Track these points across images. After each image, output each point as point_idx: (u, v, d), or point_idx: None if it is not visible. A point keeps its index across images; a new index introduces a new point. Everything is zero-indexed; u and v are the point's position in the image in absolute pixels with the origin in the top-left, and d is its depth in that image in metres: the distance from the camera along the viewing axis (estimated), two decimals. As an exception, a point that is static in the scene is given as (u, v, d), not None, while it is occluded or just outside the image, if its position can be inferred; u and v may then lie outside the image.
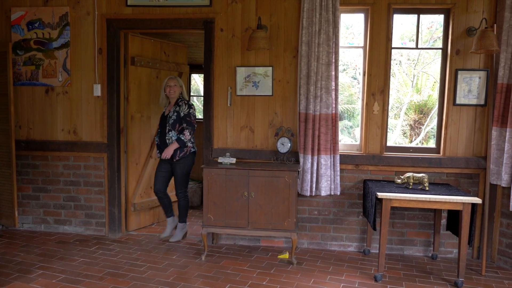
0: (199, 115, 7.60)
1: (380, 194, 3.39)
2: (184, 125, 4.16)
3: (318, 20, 3.84)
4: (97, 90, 4.38)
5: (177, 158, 4.19)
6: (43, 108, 4.51)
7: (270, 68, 4.12)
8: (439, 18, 4.10)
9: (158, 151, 4.36)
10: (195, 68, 6.60)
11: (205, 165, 3.87)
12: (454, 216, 3.69)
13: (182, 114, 4.16)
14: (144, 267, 3.69)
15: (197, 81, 8.66)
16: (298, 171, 3.87)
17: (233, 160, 3.97)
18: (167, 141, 4.21)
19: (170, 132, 4.21)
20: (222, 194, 3.81)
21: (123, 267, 3.67)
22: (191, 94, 7.85)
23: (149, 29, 4.33)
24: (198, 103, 8.39)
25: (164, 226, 4.78)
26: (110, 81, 4.35)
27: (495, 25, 3.78)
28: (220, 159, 4.00)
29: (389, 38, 3.98)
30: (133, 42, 4.53)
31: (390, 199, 3.38)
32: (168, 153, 4.18)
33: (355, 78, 8.91)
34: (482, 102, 3.94)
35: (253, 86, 4.16)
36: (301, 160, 3.96)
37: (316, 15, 3.83)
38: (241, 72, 4.15)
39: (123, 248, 4.15)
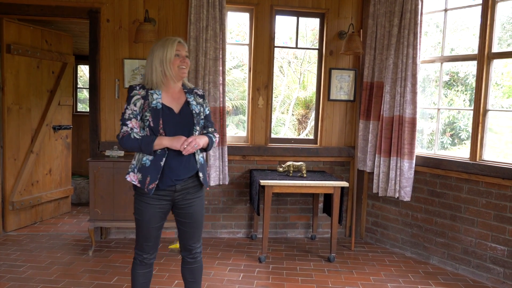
0: (86, 107, 7.23)
1: (263, 182, 3.66)
2: (210, 129, 2.53)
3: (206, 16, 3.98)
4: (-35, 79, 3.99)
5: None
6: None
7: (159, 61, 4.14)
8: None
9: (152, 180, 2.42)
10: (83, 59, 6.28)
11: (91, 158, 3.79)
12: (329, 200, 4.13)
13: (207, 111, 2.52)
14: (24, 267, 3.49)
15: (86, 72, 8.23)
16: (188, 162, 3.98)
17: (121, 153, 3.93)
18: (197, 156, 2.44)
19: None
20: (110, 187, 3.76)
21: (0, 269, 3.44)
22: (79, 86, 7.45)
23: (27, 15, 4.05)
24: (87, 95, 7.96)
25: (49, 225, 4.51)
26: (-19, 69, 4.00)
27: (361, 30, 4.30)
28: (107, 152, 3.93)
29: (272, 37, 4.28)
30: (9, 29, 4.19)
31: (271, 186, 3.68)
32: (197, 143, 2.30)
33: (249, 75, 9.22)
34: (352, 98, 4.45)
35: (141, 78, 4.14)
36: (191, 152, 4.07)
37: (204, 11, 3.96)
38: (129, 65, 4.11)
39: (-1, 250, 3.86)
